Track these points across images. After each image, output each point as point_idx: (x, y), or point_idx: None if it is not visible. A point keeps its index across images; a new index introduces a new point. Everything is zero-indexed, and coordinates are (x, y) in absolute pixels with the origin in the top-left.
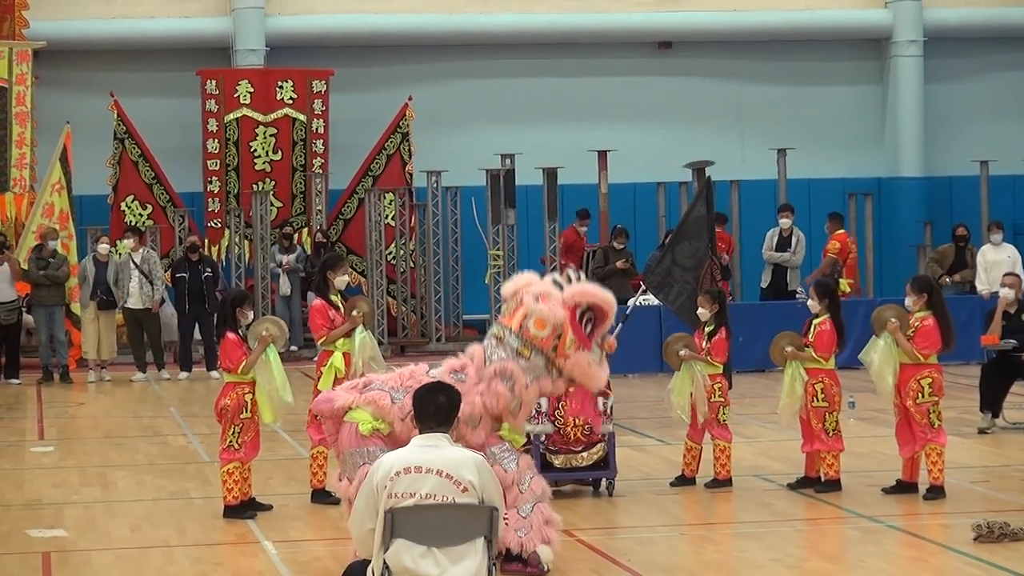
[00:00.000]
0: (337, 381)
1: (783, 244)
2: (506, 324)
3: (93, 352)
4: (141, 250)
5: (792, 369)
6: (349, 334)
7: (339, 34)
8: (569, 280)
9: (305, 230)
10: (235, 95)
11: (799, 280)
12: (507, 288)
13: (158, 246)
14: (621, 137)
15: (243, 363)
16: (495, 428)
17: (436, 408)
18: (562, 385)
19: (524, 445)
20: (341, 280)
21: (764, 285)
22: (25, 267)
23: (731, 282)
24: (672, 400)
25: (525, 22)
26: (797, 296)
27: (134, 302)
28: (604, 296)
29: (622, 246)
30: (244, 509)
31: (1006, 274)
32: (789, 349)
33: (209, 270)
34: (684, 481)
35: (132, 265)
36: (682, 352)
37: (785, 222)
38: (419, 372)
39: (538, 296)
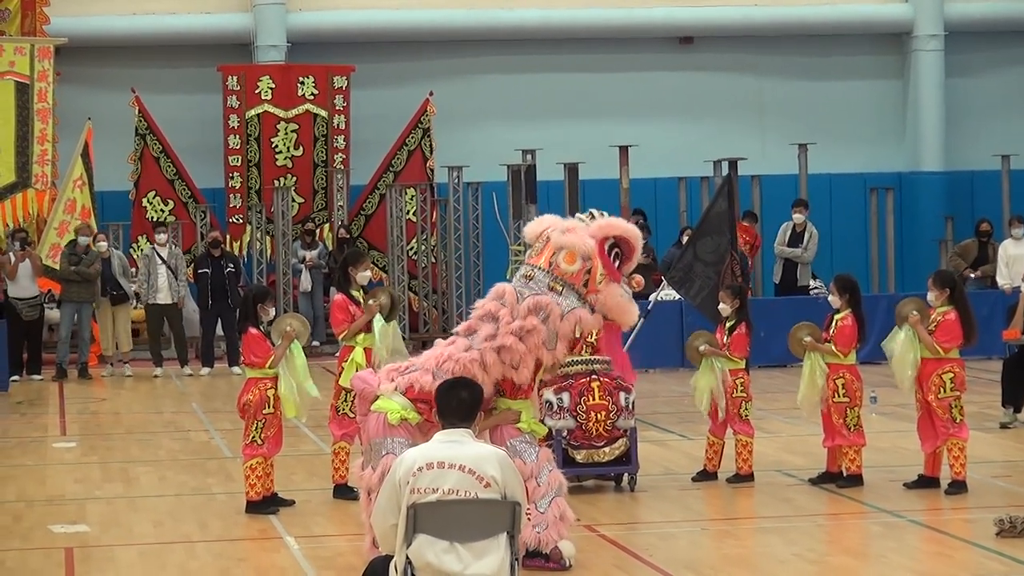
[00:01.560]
0: None
1: (796, 239)
2: (534, 263)
3: (111, 347)
4: (169, 245)
5: (812, 360)
6: (369, 327)
7: (360, 30)
8: (592, 217)
9: (327, 226)
10: (256, 91)
11: (809, 275)
12: (530, 229)
13: (180, 242)
14: (642, 132)
15: (270, 358)
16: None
17: (458, 403)
18: (598, 319)
19: (546, 439)
20: (363, 276)
21: (776, 280)
22: (47, 263)
23: (751, 277)
24: (695, 396)
25: (546, 17)
26: (811, 292)
27: (163, 297)
28: (630, 229)
29: (643, 241)
30: (266, 504)
31: None
32: (808, 340)
33: (231, 266)
34: (706, 476)
35: (159, 260)
36: (702, 348)
37: (799, 217)
38: (457, 350)
39: (565, 230)
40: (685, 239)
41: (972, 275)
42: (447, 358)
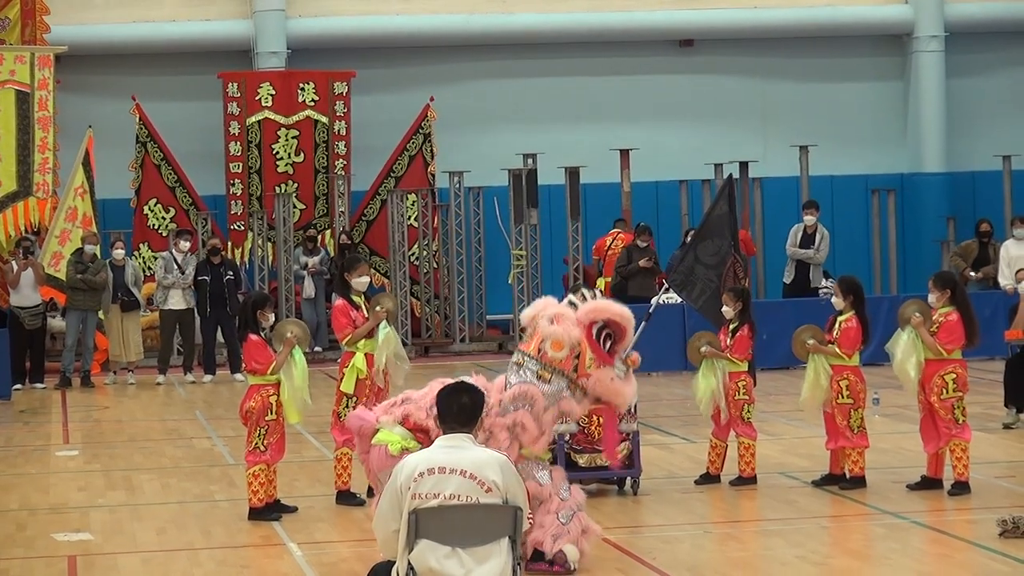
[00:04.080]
0: (359, 382)
1: (807, 241)
2: (525, 350)
3: (121, 354)
4: (187, 252)
5: (816, 363)
6: (372, 333)
7: (360, 35)
8: (584, 299)
9: (328, 232)
10: (257, 98)
11: (821, 276)
12: (525, 314)
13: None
14: (643, 136)
15: (272, 364)
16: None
17: (459, 408)
18: (587, 405)
19: (550, 445)
20: (359, 281)
21: (787, 281)
22: (49, 271)
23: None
24: (696, 397)
25: (546, 22)
26: (821, 293)
27: (176, 302)
28: (619, 311)
29: (645, 244)
30: (269, 511)
31: (1020, 270)
32: (811, 342)
33: (231, 273)
34: (709, 479)
35: (176, 266)
36: (704, 348)
37: (809, 219)
38: None
39: (552, 318)
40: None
41: (972, 276)
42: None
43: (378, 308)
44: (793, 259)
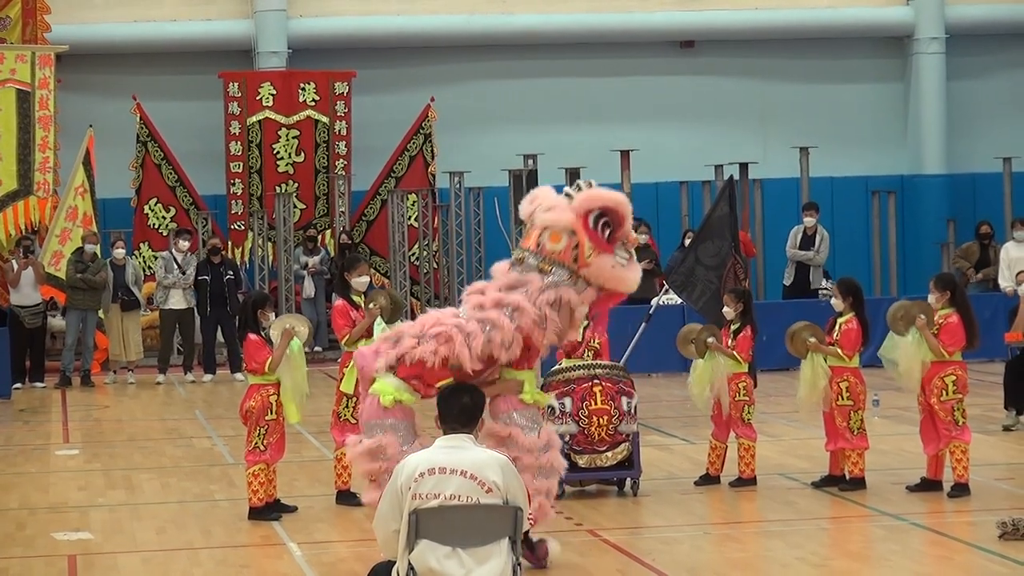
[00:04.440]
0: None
1: (807, 242)
2: (524, 246)
3: (121, 353)
4: (185, 251)
5: (813, 361)
6: (371, 331)
7: (361, 36)
8: (579, 189)
9: (328, 232)
10: (257, 97)
11: (821, 278)
12: (523, 208)
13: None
14: (643, 137)
15: (268, 362)
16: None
17: (460, 409)
18: (592, 293)
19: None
20: (359, 281)
21: (788, 283)
22: (49, 271)
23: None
24: (693, 391)
25: (547, 22)
26: (820, 295)
27: (176, 302)
28: (614, 196)
29: (645, 238)
30: (269, 511)
31: (1020, 272)
32: (812, 340)
33: (231, 273)
34: (709, 480)
35: (176, 265)
36: (710, 340)
37: (810, 220)
38: (445, 315)
39: (548, 209)
40: (688, 243)
41: (977, 277)
42: (434, 322)
43: (371, 305)
44: (793, 261)
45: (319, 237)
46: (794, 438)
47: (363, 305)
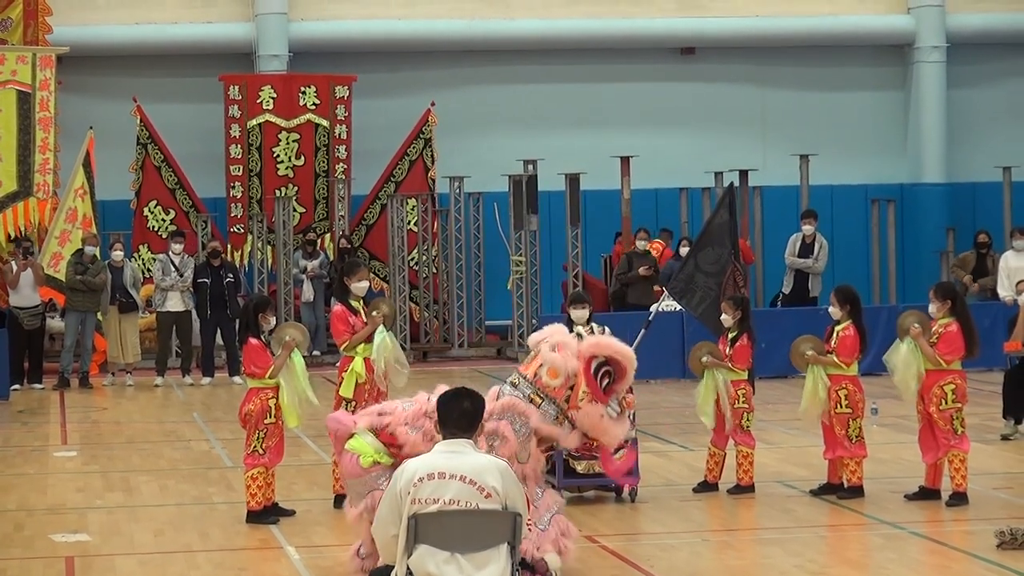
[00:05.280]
0: (358, 387)
1: (806, 250)
2: (522, 372)
3: (120, 355)
4: (182, 254)
5: (814, 373)
6: (371, 338)
7: (362, 40)
8: (592, 332)
9: (328, 236)
10: (258, 100)
11: (820, 286)
12: (533, 337)
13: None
14: (644, 143)
15: (270, 368)
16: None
17: (460, 414)
18: (575, 438)
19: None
20: (358, 286)
21: (786, 291)
22: (48, 272)
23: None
24: (698, 407)
25: (547, 28)
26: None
27: (173, 305)
28: (622, 350)
29: (644, 240)
30: (267, 514)
31: (1020, 281)
32: (810, 353)
33: (231, 276)
34: (707, 487)
35: (173, 268)
36: (705, 359)
37: (808, 228)
38: (432, 409)
39: (555, 346)
40: (683, 251)
41: (974, 286)
42: (424, 415)
43: (375, 313)
44: (792, 268)
45: (318, 241)
46: (792, 446)
47: (362, 310)
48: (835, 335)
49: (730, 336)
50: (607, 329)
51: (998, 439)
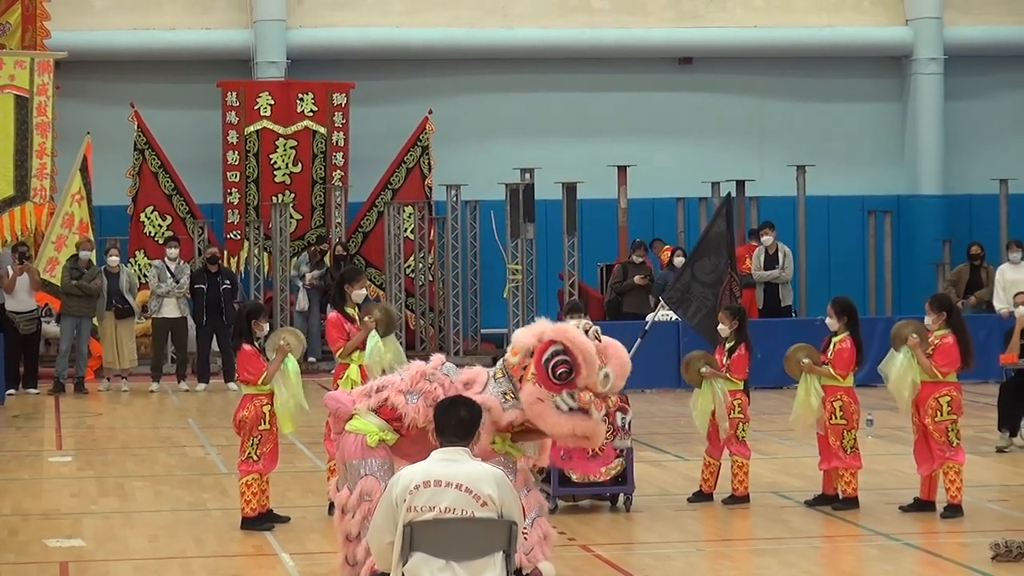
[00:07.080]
0: None
1: (771, 261)
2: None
3: (115, 360)
4: (177, 260)
5: (807, 382)
6: (365, 344)
7: (359, 47)
8: (587, 332)
9: (324, 243)
10: (255, 107)
11: (791, 295)
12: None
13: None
14: (641, 152)
15: (263, 374)
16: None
17: (458, 422)
18: (517, 415)
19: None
20: (358, 294)
21: (760, 305)
22: (44, 277)
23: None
24: (694, 417)
25: (545, 37)
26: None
27: (169, 311)
28: (582, 344)
29: (641, 259)
30: (262, 521)
31: (1017, 293)
32: (806, 361)
33: (228, 282)
34: (702, 497)
35: (168, 274)
36: (704, 370)
37: (767, 239)
38: (430, 370)
39: (531, 332)
40: (677, 260)
41: (965, 303)
42: (422, 377)
43: (367, 319)
44: (760, 282)
45: (328, 253)
46: (787, 456)
47: (358, 318)
48: (832, 346)
49: (727, 346)
50: (599, 331)
51: (993, 451)
